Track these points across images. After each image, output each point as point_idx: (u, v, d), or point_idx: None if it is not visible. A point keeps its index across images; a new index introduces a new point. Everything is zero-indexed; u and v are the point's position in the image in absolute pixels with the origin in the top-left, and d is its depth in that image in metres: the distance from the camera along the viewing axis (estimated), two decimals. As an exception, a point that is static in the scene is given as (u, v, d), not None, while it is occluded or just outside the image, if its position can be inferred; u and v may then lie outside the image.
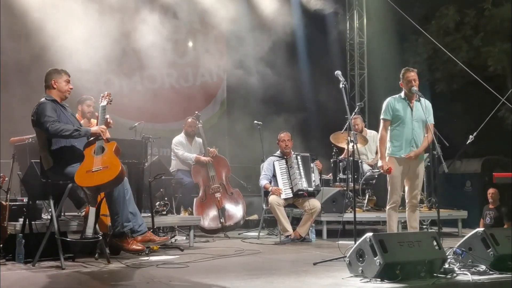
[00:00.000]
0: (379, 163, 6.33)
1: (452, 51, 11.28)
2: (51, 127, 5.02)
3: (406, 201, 6.28)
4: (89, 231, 5.27)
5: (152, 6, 9.47)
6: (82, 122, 6.39)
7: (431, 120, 6.22)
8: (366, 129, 9.38)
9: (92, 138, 5.23)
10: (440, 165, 6.11)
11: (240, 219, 8.17)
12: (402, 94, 6.25)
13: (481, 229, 5.00)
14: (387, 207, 6.22)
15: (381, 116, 6.31)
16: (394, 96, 6.29)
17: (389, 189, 6.19)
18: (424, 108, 6.11)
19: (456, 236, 8.04)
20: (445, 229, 8.57)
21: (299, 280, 4.51)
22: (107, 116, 5.48)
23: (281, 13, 10.73)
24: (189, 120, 8.66)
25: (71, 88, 5.47)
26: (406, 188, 6.26)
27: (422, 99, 6.14)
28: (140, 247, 5.24)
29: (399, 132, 6.17)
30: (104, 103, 5.56)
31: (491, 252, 4.81)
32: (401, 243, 4.50)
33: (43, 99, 5.31)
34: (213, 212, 8.03)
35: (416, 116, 6.16)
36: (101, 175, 4.93)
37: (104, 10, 8.86)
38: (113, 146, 5.23)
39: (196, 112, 8.61)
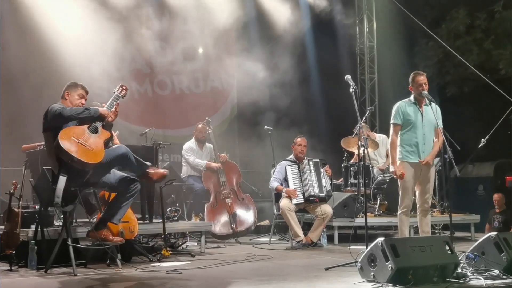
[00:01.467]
0: (391, 168, 6.30)
1: (462, 55, 11.25)
2: (64, 111, 5.04)
3: (418, 205, 6.25)
4: None
5: (162, 13, 9.52)
6: None
7: (440, 124, 6.19)
8: (374, 133, 9.36)
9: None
10: (451, 169, 6.07)
11: (251, 225, 8.18)
12: (412, 98, 6.23)
13: (494, 233, 4.96)
14: (399, 212, 6.20)
15: (391, 121, 6.29)
16: (404, 100, 6.28)
17: (400, 194, 6.17)
18: (434, 112, 6.09)
19: (469, 241, 7.99)
20: (458, 234, 8.52)
21: (311, 286, 4.50)
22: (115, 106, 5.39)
23: (291, 18, 10.74)
24: (199, 126, 8.68)
25: (82, 104, 5.48)
26: (417, 193, 6.24)
27: (432, 103, 6.12)
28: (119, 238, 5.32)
29: (410, 137, 6.15)
30: (118, 92, 5.53)
31: (505, 257, 4.77)
32: (413, 247, 4.48)
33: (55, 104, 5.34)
34: (224, 218, 8.04)
35: (426, 120, 6.15)
36: (83, 151, 4.88)
37: (114, 17, 8.94)
38: (106, 135, 5.17)
39: (207, 118, 8.63)
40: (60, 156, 4.98)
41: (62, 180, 5.01)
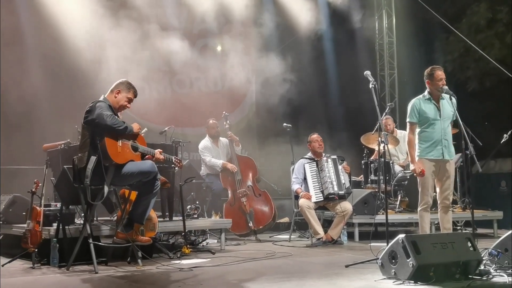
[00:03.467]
0: (411, 167, 6.24)
1: (484, 49, 11.13)
2: (108, 119, 5.11)
3: (438, 202, 6.19)
4: None
5: (180, 12, 9.55)
6: None
7: (454, 117, 6.13)
8: (396, 129, 9.30)
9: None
10: (473, 165, 6.00)
11: (268, 221, 8.17)
12: (426, 93, 6.14)
13: (517, 229, 4.90)
14: (419, 209, 6.14)
15: (408, 119, 6.20)
16: (418, 97, 6.18)
17: (420, 190, 6.12)
18: (452, 105, 6.03)
19: (492, 237, 7.92)
20: (480, 230, 8.42)
21: (331, 283, 4.48)
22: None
23: (309, 14, 10.71)
24: (210, 121, 8.68)
25: (128, 107, 5.55)
26: (438, 189, 6.18)
27: (447, 95, 6.04)
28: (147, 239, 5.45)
29: (428, 133, 6.06)
30: (174, 161, 5.84)
31: (528, 253, 4.72)
32: (435, 244, 4.45)
33: (100, 99, 5.39)
34: (242, 216, 8.04)
35: (444, 115, 6.07)
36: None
37: (134, 16, 9.00)
38: (137, 158, 5.46)
39: (224, 112, 8.63)
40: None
41: (93, 159, 5.12)
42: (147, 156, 5.57)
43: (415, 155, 6.11)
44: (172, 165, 5.97)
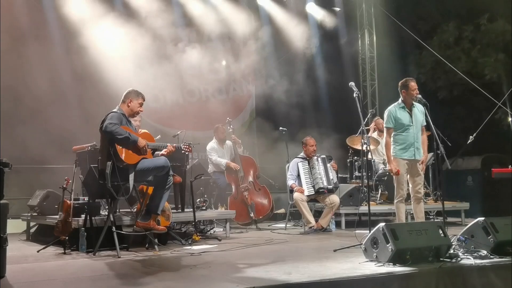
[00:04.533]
0: (387, 167, 6.26)
1: (452, 62, 11.15)
2: (109, 127, 5.10)
3: (411, 195, 6.21)
4: None
5: (190, 31, 9.57)
6: None
7: (425, 121, 6.15)
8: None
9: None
10: (443, 163, 6.00)
11: (267, 212, 8.15)
12: (400, 101, 6.13)
13: (482, 218, 4.90)
14: (395, 201, 6.15)
15: (385, 125, 6.24)
16: (393, 105, 6.18)
17: (395, 185, 6.14)
18: (421, 112, 6.06)
19: (460, 225, 7.91)
20: (450, 219, 8.40)
21: (321, 265, 4.48)
22: (163, 152, 5.59)
23: (301, 33, 10.73)
24: (220, 127, 8.66)
25: (141, 111, 5.56)
26: (410, 184, 6.19)
27: (419, 105, 6.06)
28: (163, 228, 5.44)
29: (402, 137, 6.09)
30: (183, 146, 5.80)
31: (491, 239, 4.73)
32: (411, 231, 4.45)
33: (115, 110, 5.40)
34: (244, 208, 8.04)
35: (415, 121, 6.09)
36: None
37: (150, 35, 9.02)
38: (149, 154, 5.47)
39: (228, 118, 8.63)
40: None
41: (109, 165, 5.15)
42: (161, 153, 5.56)
43: (391, 155, 6.12)
44: (182, 151, 5.91)
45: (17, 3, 8.51)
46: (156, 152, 5.64)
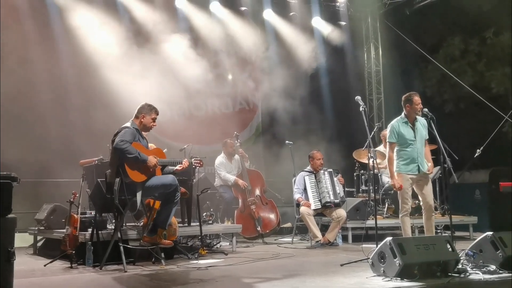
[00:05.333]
0: (391, 182, 6.22)
1: (458, 76, 11.15)
2: (120, 144, 5.12)
3: (423, 207, 6.16)
4: None
5: (196, 45, 9.63)
6: None
7: (426, 136, 6.13)
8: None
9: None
10: (450, 176, 5.98)
11: (274, 226, 8.13)
12: (403, 116, 6.10)
13: (490, 233, 4.87)
14: (400, 215, 6.11)
15: (387, 140, 6.19)
16: (396, 119, 6.15)
17: (400, 200, 6.11)
18: (424, 128, 6.05)
19: (468, 240, 7.85)
20: (458, 233, 8.35)
21: (328, 280, 4.46)
22: (178, 167, 5.64)
23: (307, 46, 10.78)
24: (229, 141, 8.69)
25: (154, 125, 5.58)
26: (420, 198, 6.16)
27: (422, 118, 6.06)
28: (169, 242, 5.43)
29: (405, 152, 6.05)
30: (195, 162, 5.83)
31: (500, 254, 4.69)
32: (418, 246, 4.43)
33: (128, 124, 5.42)
34: (251, 222, 8.02)
35: (418, 135, 6.06)
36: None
37: (157, 50, 9.10)
38: (158, 171, 5.49)
39: (236, 132, 8.65)
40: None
41: (117, 181, 5.17)
42: (175, 168, 5.57)
43: (394, 170, 6.09)
44: (193, 166, 5.93)
45: (24, 14, 8.58)
46: (170, 168, 5.64)
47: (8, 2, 8.25)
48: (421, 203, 6.19)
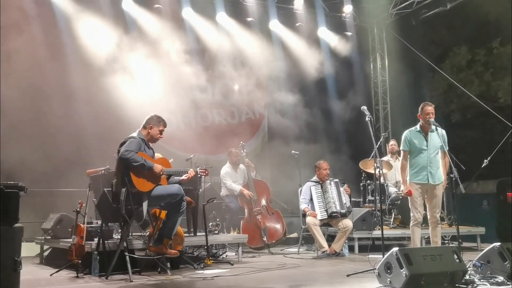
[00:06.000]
0: (401, 188, 6.26)
1: (465, 86, 11.14)
2: (125, 154, 5.16)
3: (428, 219, 6.15)
4: None
5: (203, 57, 9.68)
6: None
7: (447, 146, 6.12)
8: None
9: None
10: (458, 187, 5.95)
11: (280, 237, 8.11)
12: (418, 126, 6.20)
13: (498, 243, 4.83)
14: (411, 224, 6.15)
15: (401, 148, 6.34)
16: (410, 129, 6.25)
17: (411, 209, 6.12)
18: (440, 137, 6.04)
19: (476, 250, 7.79)
20: (465, 244, 8.28)
21: (335, 290, 4.45)
22: (184, 177, 5.65)
23: (313, 57, 10.82)
24: (233, 150, 8.70)
25: (161, 137, 5.62)
26: (428, 208, 6.15)
27: (439, 129, 6.06)
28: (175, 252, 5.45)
29: (416, 160, 6.13)
30: (200, 171, 5.83)
31: (508, 265, 4.66)
32: (425, 256, 4.40)
33: (135, 134, 5.46)
34: (257, 231, 8.00)
35: (431, 145, 6.10)
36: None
37: (165, 62, 9.17)
38: (164, 181, 5.54)
39: (242, 142, 8.66)
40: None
41: (123, 191, 5.19)
42: (181, 178, 5.59)
43: (406, 178, 6.11)
44: (199, 175, 5.94)
45: (32, 21, 8.67)
46: (176, 178, 5.66)
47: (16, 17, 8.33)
48: (427, 213, 6.17)
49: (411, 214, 6.11)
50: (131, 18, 9.60)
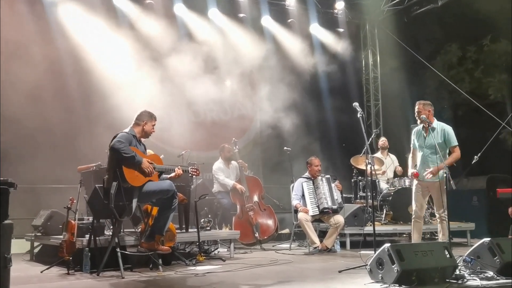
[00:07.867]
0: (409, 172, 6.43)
1: (456, 83, 11.20)
2: (117, 144, 5.16)
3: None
4: None
5: (195, 54, 9.64)
6: None
7: (452, 142, 6.13)
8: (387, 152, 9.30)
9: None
10: (448, 183, 5.99)
11: (272, 232, 8.12)
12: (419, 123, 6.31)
13: (488, 239, 4.87)
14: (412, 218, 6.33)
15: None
16: (418, 126, 6.35)
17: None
18: (441, 135, 6.07)
19: (466, 246, 7.85)
20: (455, 240, 8.36)
21: (326, 286, 4.45)
22: (172, 174, 5.64)
23: (306, 54, 10.82)
24: (226, 146, 8.69)
25: (153, 131, 5.66)
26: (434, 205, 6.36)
27: (439, 126, 6.11)
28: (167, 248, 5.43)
29: (418, 157, 6.29)
30: (190, 170, 5.79)
31: (498, 260, 4.68)
32: (416, 252, 4.42)
33: (126, 130, 5.44)
34: (248, 228, 8.01)
35: (428, 143, 6.14)
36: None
37: (156, 57, 9.13)
38: (155, 177, 5.50)
39: (234, 139, 8.65)
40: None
41: (114, 185, 5.15)
42: (169, 176, 5.59)
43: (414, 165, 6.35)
44: (190, 174, 5.92)
45: (25, 26, 8.61)
46: (164, 175, 5.65)
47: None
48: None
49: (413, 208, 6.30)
50: (123, 13, 9.54)
